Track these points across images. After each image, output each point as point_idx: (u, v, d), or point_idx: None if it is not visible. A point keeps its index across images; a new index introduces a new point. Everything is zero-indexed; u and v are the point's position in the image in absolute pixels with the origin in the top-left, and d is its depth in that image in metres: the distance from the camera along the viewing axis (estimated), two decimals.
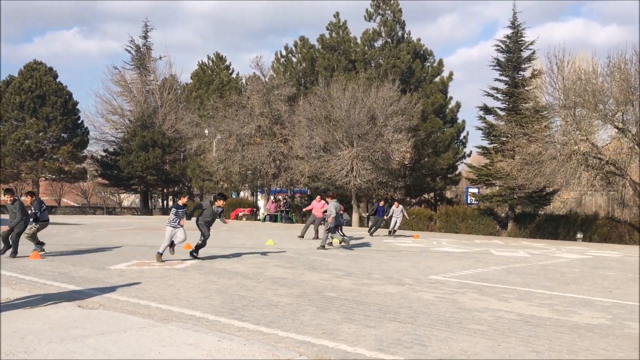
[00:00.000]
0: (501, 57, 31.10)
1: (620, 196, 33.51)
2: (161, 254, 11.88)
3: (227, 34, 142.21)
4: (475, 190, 33.51)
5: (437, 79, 38.74)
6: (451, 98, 38.86)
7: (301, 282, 9.84)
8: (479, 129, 31.81)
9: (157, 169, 46.46)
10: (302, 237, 19.81)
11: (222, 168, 36.41)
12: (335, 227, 16.38)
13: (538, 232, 29.21)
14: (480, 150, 32.97)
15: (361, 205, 35.18)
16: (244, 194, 46.44)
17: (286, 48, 41.92)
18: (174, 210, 12.22)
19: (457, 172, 40.21)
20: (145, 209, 49.35)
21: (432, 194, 40.69)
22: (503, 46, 31.06)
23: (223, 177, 39.30)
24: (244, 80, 43.16)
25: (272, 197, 37.03)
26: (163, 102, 47.95)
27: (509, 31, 31.08)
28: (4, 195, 12.89)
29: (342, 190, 33.00)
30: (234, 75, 49.20)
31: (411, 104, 32.09)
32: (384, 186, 31.39)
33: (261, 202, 39.94)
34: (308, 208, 21.13)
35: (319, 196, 20.69)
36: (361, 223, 31.85)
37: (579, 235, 27.67)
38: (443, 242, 21.26)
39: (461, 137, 38.86)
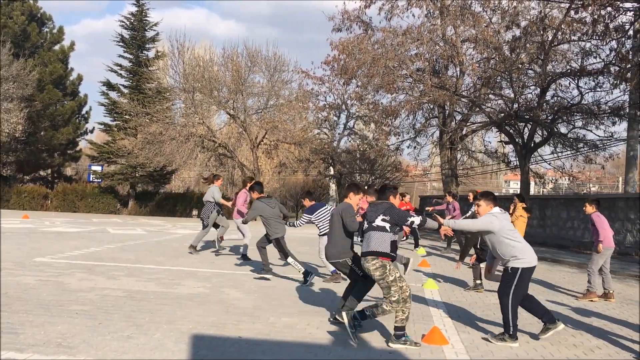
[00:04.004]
0: (126, 33, 30.78)
1: (231, 176, 37.20)
2: None
3: None
4: (98, 168, 32.38)
5: (56, 47, 35.88)
6: (72, 69, 36.62)
7: None
8: (102, 104, 30.92)
9: None
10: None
11: None
12: None
13: (158, 210, 30.16)
14: (102, 127, 32.03)
15: None
16: None
17: None
18: None
19: (78, 149, 38.25)
20: None
21: (49, 171, 37.77)
22: (128, 23, 30.78)
23: None
24: None
25: None
26: None
27: (134, 9, 30.98)
28: None
29: None
30: None
31: (25, 71, 29.06)
32: None
33: None
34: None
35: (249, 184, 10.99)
36: None
37: (195, 212, 29.65)
38: (57, 222, 20.03)
39: (83, 112, 37.09)
